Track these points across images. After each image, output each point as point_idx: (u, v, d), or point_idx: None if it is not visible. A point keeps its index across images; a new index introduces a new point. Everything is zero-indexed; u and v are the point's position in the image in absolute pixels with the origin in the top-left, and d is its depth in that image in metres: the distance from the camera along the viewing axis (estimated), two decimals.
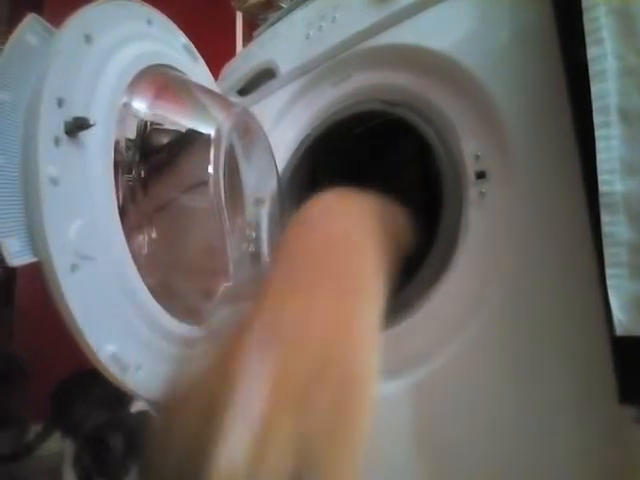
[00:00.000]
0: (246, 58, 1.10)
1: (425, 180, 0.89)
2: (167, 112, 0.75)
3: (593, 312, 0.49)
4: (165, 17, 0.84)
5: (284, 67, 0.98)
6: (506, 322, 0.59)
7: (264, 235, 0.87)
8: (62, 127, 0.56)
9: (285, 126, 0.97)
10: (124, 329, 0.62)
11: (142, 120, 0.71)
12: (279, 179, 0.88)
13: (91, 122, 0.58)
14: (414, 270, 0.71)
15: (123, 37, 0.69)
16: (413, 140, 0.80)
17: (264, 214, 0.86)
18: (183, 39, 0.88)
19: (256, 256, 0.83)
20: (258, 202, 0.85)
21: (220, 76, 1.15)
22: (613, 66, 0.44)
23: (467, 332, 0.62)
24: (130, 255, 0.63)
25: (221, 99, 0.85)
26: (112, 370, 0.58)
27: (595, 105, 0.45)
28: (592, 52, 0.45)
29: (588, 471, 0.51)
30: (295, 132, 0.94)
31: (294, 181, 0.95)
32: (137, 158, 0.69)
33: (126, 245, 0.63)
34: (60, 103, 0.56)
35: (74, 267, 0.55)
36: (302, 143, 0.93)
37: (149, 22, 0.78)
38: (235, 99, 1.10)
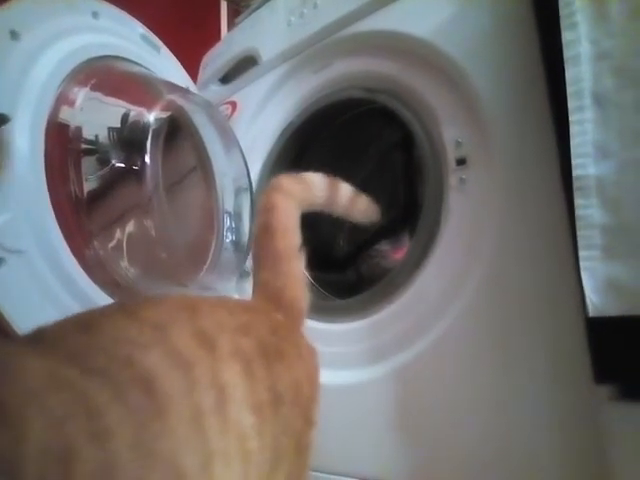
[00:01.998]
0: (228, 46, 1.08)
1: (407, 167, 0.89)
2: (104, 103, 0.74)
3: (569, 293, 0.50)
4: (116, 9, 0.82)
5: (266, 54, 0.96)
6: (485, 305, 0.60)
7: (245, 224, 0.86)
8: None
9: (268, 114, 0.96)
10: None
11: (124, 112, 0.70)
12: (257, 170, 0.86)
13: (9, 117, 0.57)
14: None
15: (60, 31, 0.68)
16: (396, 127, 0.80)
17: (245, 204, 0.86)
18: (140, 29, 0.87)
19: (236, 245, 0.82)
20: (239, 191, 0.85)
21: (202, 64, 1.13)
22: (587, 50, 0.44)
23: (448, 316, 0.62)
24: (66, 245, 0.63)
25: (175, 88, 0.83)
26: None
27: (569, 90, 0.45)
28: (566, 36, 0.45)
29: (565, 450, 0.52)
30: (278, 120, 0.93)
31: (278, 169, 0.94)
32: (116, 148, 0.68)
33: (61, 235, 0.63)
34: None
35: (0, 261, 0.56)
36: (285, 131, 0.92)
37: (95, 15, 0.76)
38: (216, 88, 1.08)
